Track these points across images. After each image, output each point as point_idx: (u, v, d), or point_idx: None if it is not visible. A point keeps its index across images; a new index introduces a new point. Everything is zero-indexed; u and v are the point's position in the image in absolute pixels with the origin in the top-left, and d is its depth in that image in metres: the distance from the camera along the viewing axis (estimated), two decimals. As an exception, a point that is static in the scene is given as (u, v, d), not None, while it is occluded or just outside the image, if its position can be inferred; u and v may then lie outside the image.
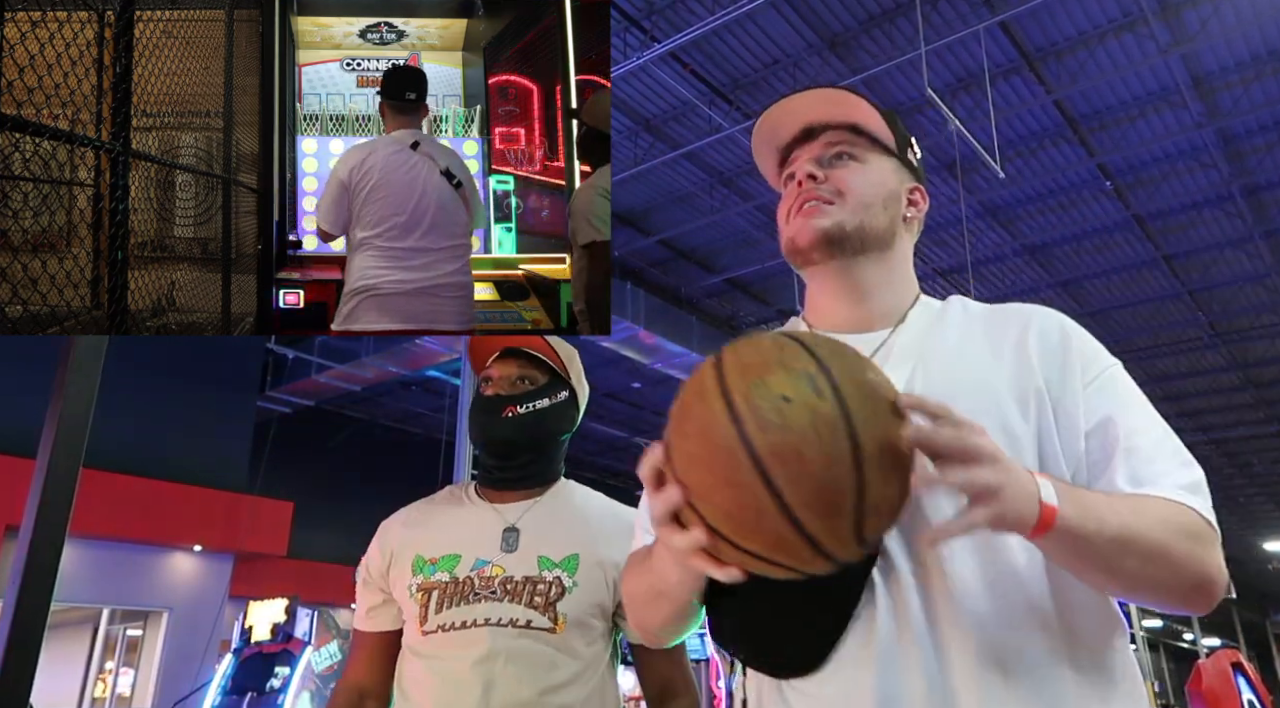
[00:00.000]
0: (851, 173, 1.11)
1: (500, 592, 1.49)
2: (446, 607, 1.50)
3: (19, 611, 2.16)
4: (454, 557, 1.55)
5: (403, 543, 1.61)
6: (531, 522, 1.58)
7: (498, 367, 1.66)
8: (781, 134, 1.17)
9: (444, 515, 1.64)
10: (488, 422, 1.61)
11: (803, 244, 1.09)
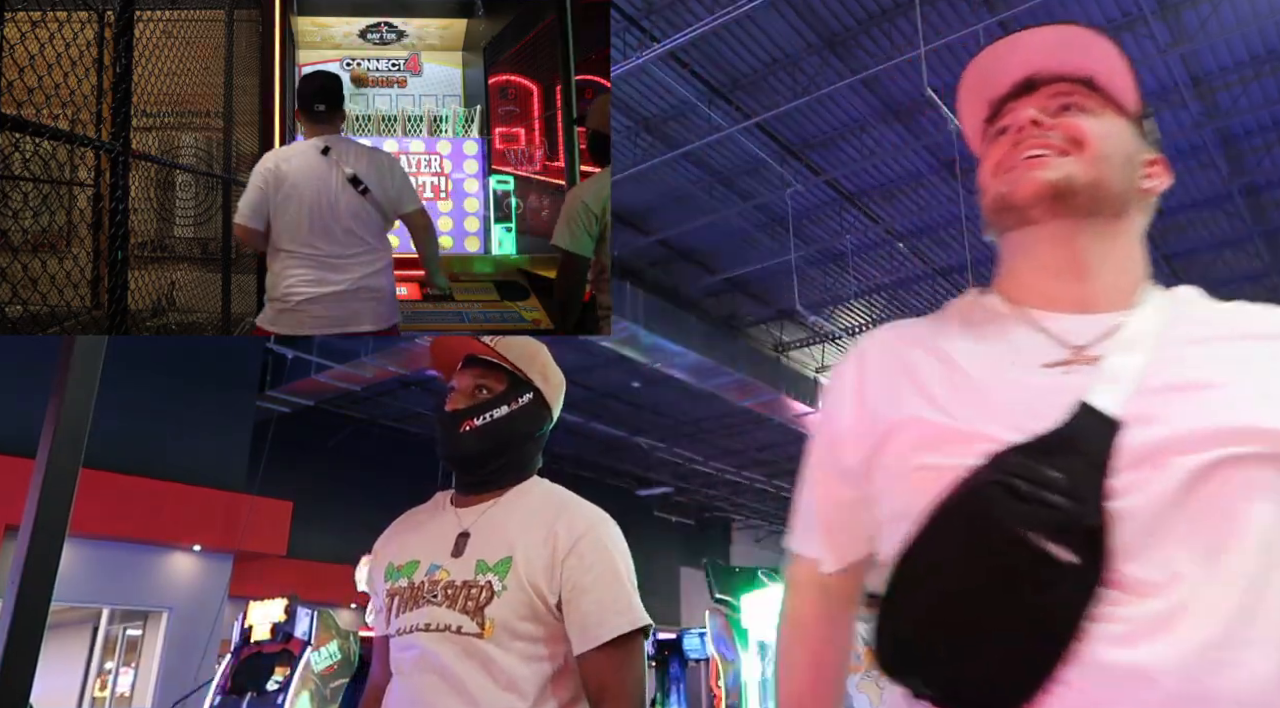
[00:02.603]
0: (1083, 121, 0.94)
1: (441, 597, 1.51)
2: (403, 612, 1.54)
3: (19, 610, 2.17)
4: (414, 564, 1.59)
5: (383, 551, 1.69)
6: (482, 525, 1.58)
7: (459, 377, 1.66)
8: (997, 83, 1.01)
9: (417, 523, 1.69)
10: (448, 438, 1.61)
11: (1022, 198, 0.92)
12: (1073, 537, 0.75)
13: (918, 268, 12.80)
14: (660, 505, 22.22)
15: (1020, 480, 0.78)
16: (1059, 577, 0.75)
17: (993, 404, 0.86)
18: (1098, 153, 0.93)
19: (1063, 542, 0.75)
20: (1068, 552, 0.75)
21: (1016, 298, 0.96)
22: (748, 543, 26.86)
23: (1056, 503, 0.77)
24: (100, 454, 6.67)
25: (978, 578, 0.78)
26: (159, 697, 11.10)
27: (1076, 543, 0.75)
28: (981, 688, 0.78)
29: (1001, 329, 0.94)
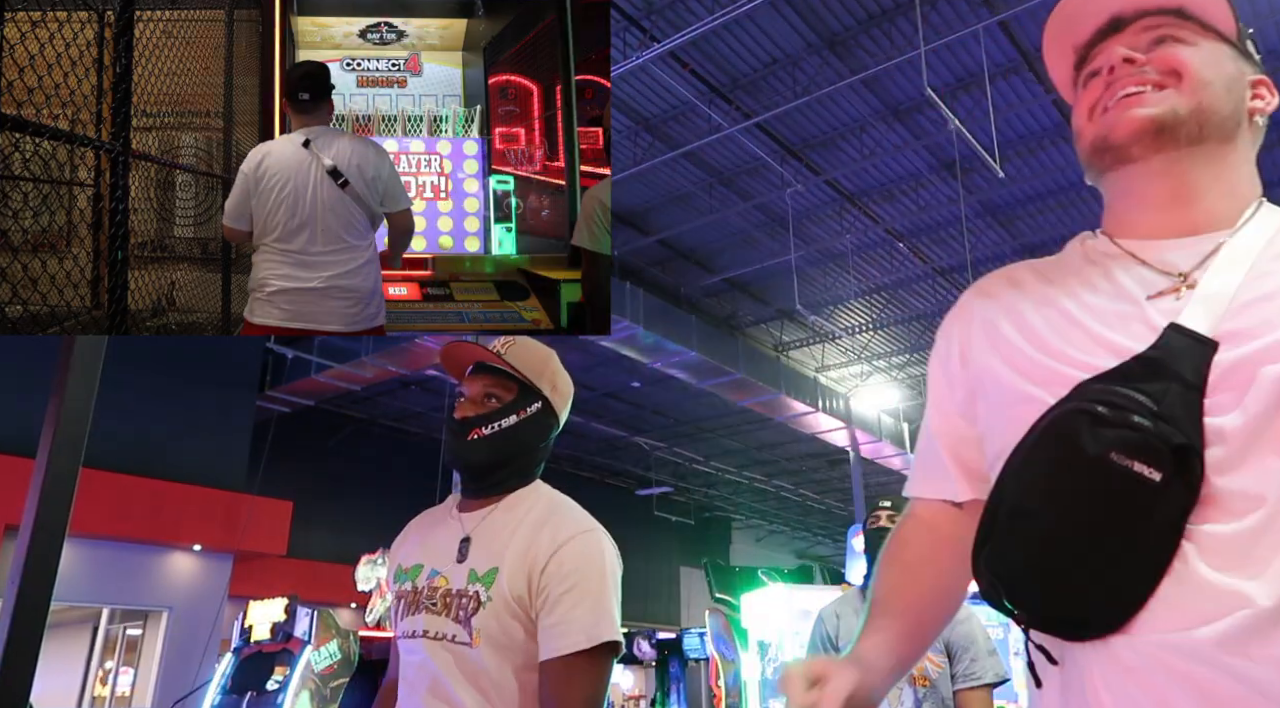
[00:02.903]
0: (1179, 51, 0.92)
1: (439, 604, 1.53)
2: (406, 615, 1.57)
3: (19, 610, 2.17)
4: (418, 567, 1.61)
5: (396, 553, 1.73)
6: (480, 532, 1.59)
7: (469, 383, 1.66)
8: (1081, 27, 0.99)
9: (427, 526, 1.71)
10: (456, 445, 1.62)
11: (1121, 137, 0.90)
12: (1158, 455, 0.76)
13: (918, 268, 12.80)
14: (660, 505, 22.22)
15: (1103, 405, 0.79)
16: (1150, 496, 0.76)
17: (1090, 337, 0.87)
18: (1198, 80, 0.90)
19: (1149, 461, 0.76)
20: (1154, 471, 0.76)
21: (1120, 233, 0.95)
22: (748, 543, 26.87)
23: (1140, 424, 0.78)
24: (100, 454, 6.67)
25: (1069, 502, 0.80)
26: (159, 697, 11.10)
27: (1163, 461, 0.76)
28: (1081, 610, 0.79)
29: (1107, 269, 0.93)
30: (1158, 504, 0.76)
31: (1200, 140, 0.90)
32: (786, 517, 25.86)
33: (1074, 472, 0.80)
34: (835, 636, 2.81)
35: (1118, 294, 0.90)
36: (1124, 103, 0.91)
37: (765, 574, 7.75)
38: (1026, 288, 0.99)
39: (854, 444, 16.25)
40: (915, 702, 2.58)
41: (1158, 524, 0.77)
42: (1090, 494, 0.79)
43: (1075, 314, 0.90)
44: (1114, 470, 0.77)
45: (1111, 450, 0.77)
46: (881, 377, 16.22)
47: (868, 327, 14.53)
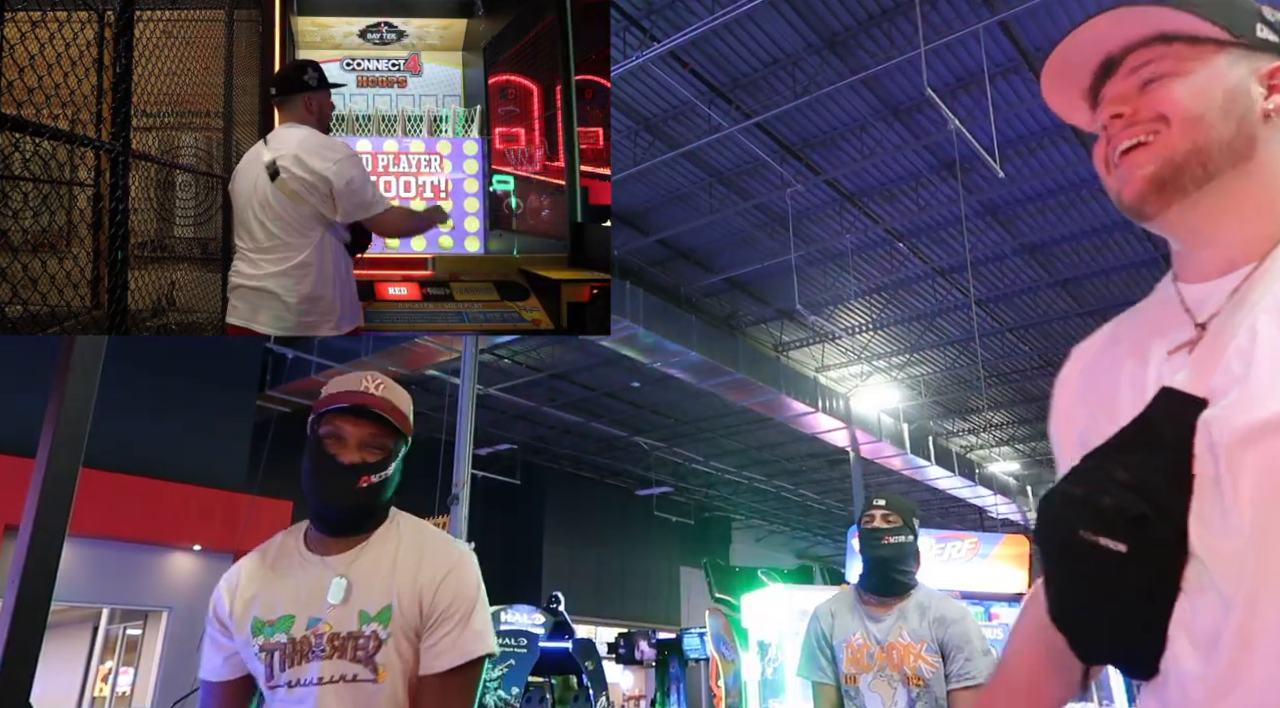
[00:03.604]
0: (1168, 88, 0.89)
1: (329, 649, 1.57)
2: (288, 666, 1.58)
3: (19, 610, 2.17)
4: (288, 618, 1.61)
5: (243, 605, 1.65)
6: (356, 573, 1.63)
7: (352, 425, 1.63)
8: (1080, 75, 0.98)
9: (277, 575, 1.67)
10: (341, 490, 1.62)
11: (1129, 200, 0.90)
12: (1118, 527, 0.79)
13: (918, 268, 12.80)
14: (660, 505, 22.22)
15: (1080, 484, 0.84)
16: (1120, 566, 0.79)
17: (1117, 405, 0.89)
18: (1186, 119, 0.87)
19: (1111, 534, 0.79)
20: (1118, 542, 0.79)
21: (1179, 276, 0.94)
22: (748, 543, 26.87)
23: (1101, 501, 0.81)
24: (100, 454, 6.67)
25: (1068, 579, 0.85)
26: (159, 697, 11.10)
27: (1124, 533, 0.79)
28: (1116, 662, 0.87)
29: (1162, 315, 0.93)
30: (1130, 573, 0.80)
31: (1210, 176, 0.87)
32: (786, 517, 25.86)
33: (1060, 550, 0.85)
34: (830, 634, 2.80)
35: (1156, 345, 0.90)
36: (1126, 161, 0.90)
37: (765, 574, 7.75)
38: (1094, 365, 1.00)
39: (854, 444, 16.25)
40: (909, 702, 2.58)
41: (1139, 591, 0.80)
42: (1076, 570, 0.84)
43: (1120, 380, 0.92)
44: (1086, 546, 0.81)
45: (1080, 528, 0.82)
46: (881, 377, 16.22)
47: (868, 327, 14.53)
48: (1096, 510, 0.81)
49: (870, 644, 2.68)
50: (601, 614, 20.39)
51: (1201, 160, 0.87)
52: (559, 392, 16.18)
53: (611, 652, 16.09)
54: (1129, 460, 0.82)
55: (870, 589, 2.77)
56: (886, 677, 2.62)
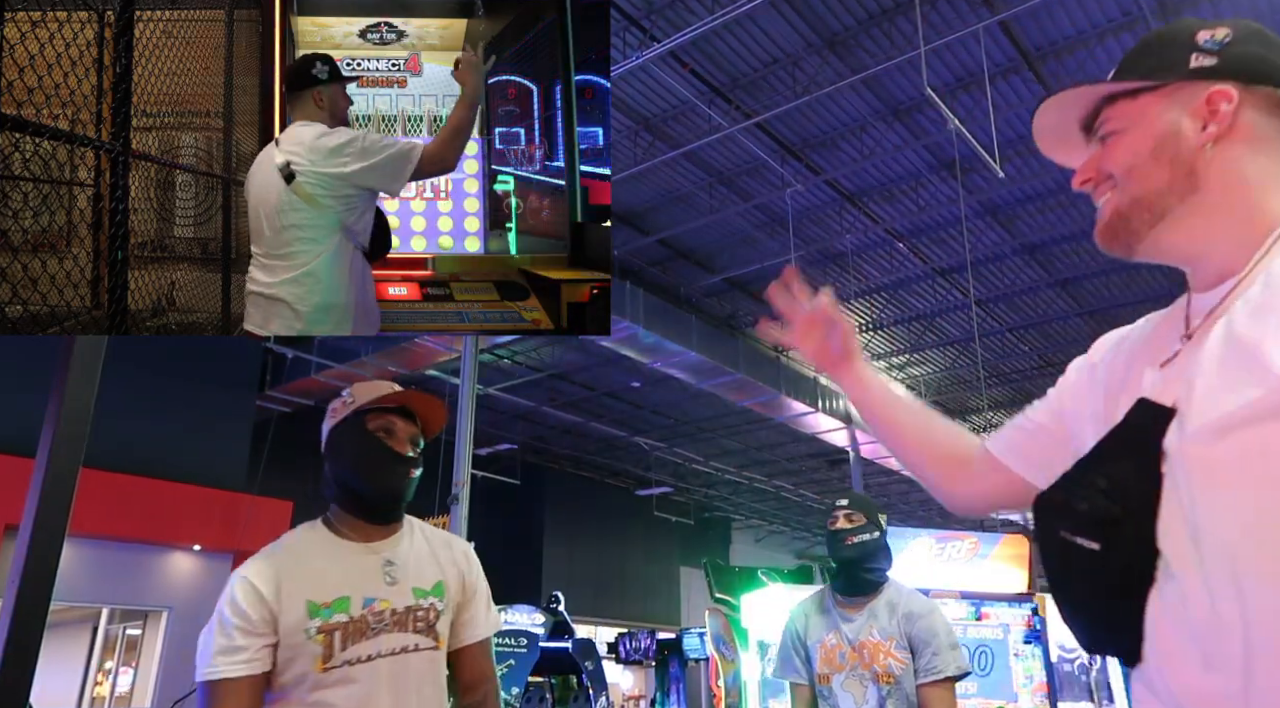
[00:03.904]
0: (1110, 148, 1.00)
1: (391, 624, 1.74)
2: (349, 644, 1.69)
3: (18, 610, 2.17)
4: (345, 599, 1.72)
5: (289, 592, 1.70)
6: (401, 556, 1.82)
7: (400, 422, 1.84)
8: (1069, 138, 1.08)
9: (322, 560, 1.77)
10: (394, 477, 1.80)
11: (1100, 246, 1.02)
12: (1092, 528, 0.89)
13: (918, 268, 12.80)
14: (660, 505, 22.21)
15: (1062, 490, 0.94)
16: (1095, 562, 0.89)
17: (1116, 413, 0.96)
18: (1123, 172, 0.97)
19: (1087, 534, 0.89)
20: (1091, 541, 0.89)
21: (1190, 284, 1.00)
22: (748, 543, 26.86)
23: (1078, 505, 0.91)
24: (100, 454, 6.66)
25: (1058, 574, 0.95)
26: (159, 697, 11.10)
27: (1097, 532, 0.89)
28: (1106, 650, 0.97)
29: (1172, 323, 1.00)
30: (1105, 569, 0.89)
31: (1160, 216, 0.95)
32: (786, 517, 25.86)
33: (1046, 550, 0.95)
34: (804, 635, 2.81)
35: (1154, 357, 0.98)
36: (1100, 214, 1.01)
37: (765, 574, 7.75)
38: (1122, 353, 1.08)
39: (854, 444, 16.25)
40: (879, 700, 2.58)
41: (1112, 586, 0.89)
42: (1060, 567, 0.93)
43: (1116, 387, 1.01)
44: (1066, 545, 0.91)
45: (1061, 529, 0.92)
46: (881, 377, 16.20)
47: (868, 327, 14.54)
48: (1073, 513, 0.91)
49: (843, 644, 2.69)
50: (601, 614, 20.38)
51: (1145, 206, 0.96)
52: (559, 392, 16.18)
53: (611, 652, 16.11)
54: (1107, 468, 0.91)
55: (841, 590, 2.78)
56: (858, 676, 2.63)
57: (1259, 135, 0.93)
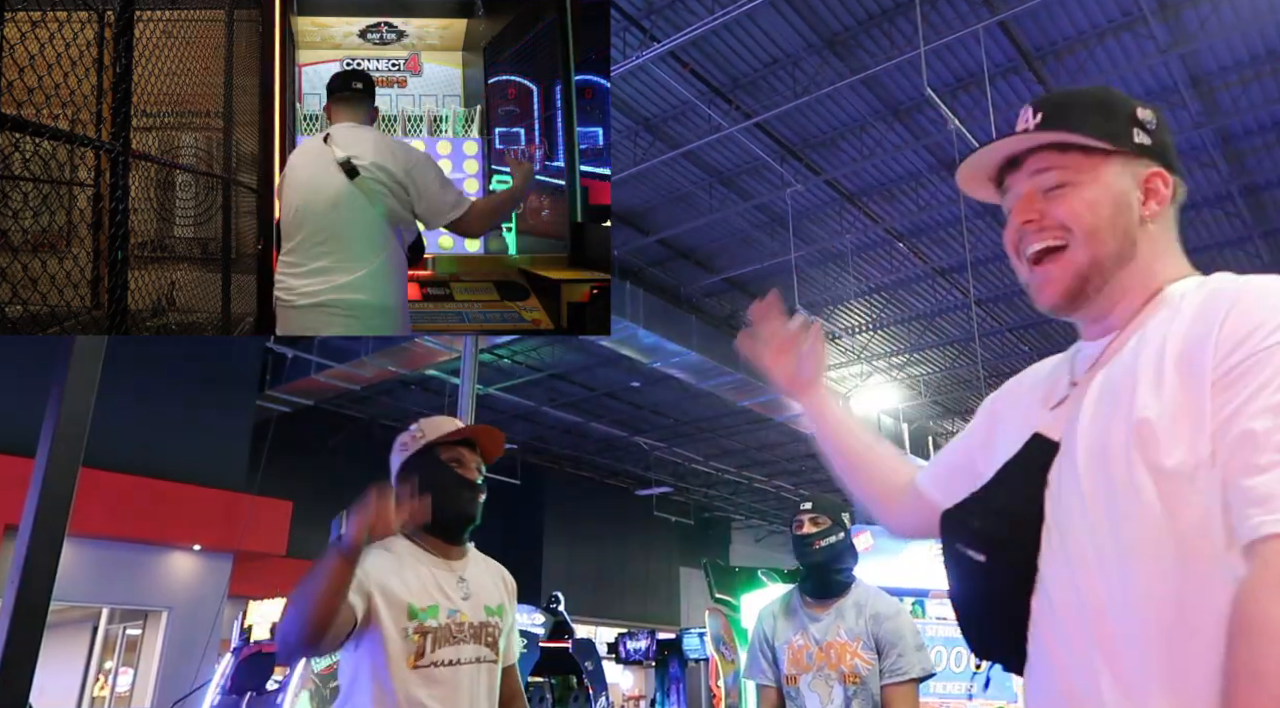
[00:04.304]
0: (1069, 200, 1.04)
1: (468, 636, 1.96)
2: (439, 646, 1.90)
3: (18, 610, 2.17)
4: (435, 607, 1.94)
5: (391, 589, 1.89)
6: (472, 575, 2.05)
7: (467, 453, 2.06)
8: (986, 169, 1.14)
9: (415, 570, 1.97)
10: (467, 502, 2.02)
11: (1047, 304, 1.08)
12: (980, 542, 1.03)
13: (918, 268, 12.80)
14: (660, 505, 22.21)
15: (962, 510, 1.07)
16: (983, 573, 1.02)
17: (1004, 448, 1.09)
18: (1087, 232, 1.02)
19: (976, 547, 1.03)
20: (979, 553, 1.02)
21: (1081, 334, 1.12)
22: (748, 543, 26.86)
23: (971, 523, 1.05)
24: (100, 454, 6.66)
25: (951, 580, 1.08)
26: (159, 697, 11.10)
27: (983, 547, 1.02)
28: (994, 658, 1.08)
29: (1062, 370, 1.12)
30: (991, 579, 1.02)
31: (1106, 281, 1.03)
32: (786, 517, 25.80)
33: (946, 559, 1.07)
34: (772, 636, 2.81)
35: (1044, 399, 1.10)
36: (1039, 270, 1.06)
37: (765, 574, 7.74)
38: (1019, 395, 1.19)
39: (854, 444, 16.21)
40: (845, 700, 2.58)
41: (999, 595, 1.01)
42: (955, 575, 1.07)
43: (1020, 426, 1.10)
44: (960, 556, 1.04)
45: (957, 542, 1.05)
46: (881, 377, 16.21)
47: (868, 327, 14.53)
48: (967, 529, 1.04)
49: (810, 645, 2.70)
50: (601, 614, 20.38)
51: (1099, 270, 1.03)
52: (559, 392, 16.17)
53: (611, 652, 16.10)
54: (1002, 492, 1.04)
55: (809, 593, 2.78)
56: (825, 676, 2.63)
57: (1168, 214, 1.07)
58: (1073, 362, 1.09)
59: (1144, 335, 0.98)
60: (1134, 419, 0.90)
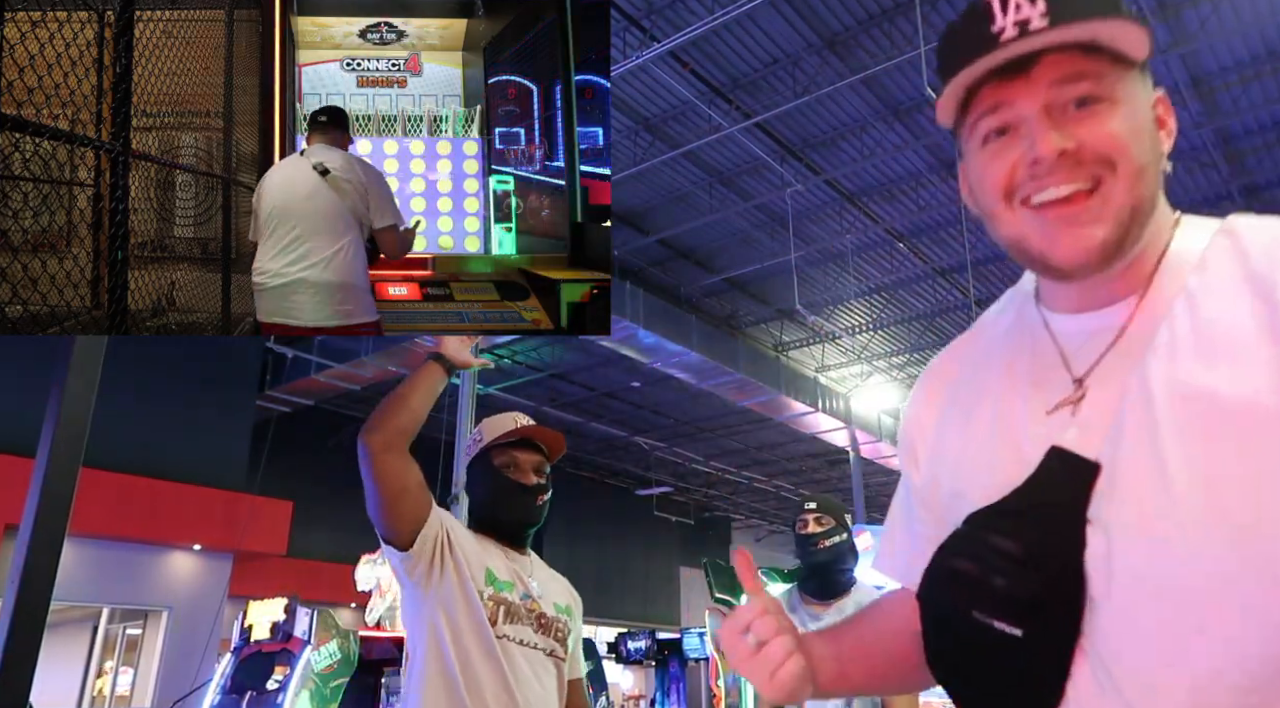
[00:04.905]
0: (1109, 124, 0.74)
1: (537, 625, 1.95)
2: (511, 622, 1.90)
3: (18, 610, 2.17)
4: (511, 584, 1.95)
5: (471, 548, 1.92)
6: (537, 575, 2.04)
7: (522, 454, 2.03)
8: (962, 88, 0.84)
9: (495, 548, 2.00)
10: (525, 508, 2.01)
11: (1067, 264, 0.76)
12: (1015, 611, 0.73)
13: (918, 268, 12.80)
14: (660, 505, 22.21)
15: (967, 558, 0.77)
16: (1016, 651, 0.73)
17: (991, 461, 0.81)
18: (1134, 170, 0.75)
19: (1007, 618, 0.73)
20: (1013, 627, 0.73)
21: (1048, 303, 0.85)
22: (748, 543, 26.85)
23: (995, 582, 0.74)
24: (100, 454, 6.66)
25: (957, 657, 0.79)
26: (159, 696, 11.10)
27: (1021, 617, 0.73)
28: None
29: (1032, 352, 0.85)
30: (1027, 657, 0.73)
31: (1142, 233, 0.77)
32: (786, 517, 25.84)
33: (952, 627, 0.78)
34: None
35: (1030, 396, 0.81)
36: (1060, 214, 0.75)
37: (765, 574, 7.74)
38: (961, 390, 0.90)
39: (854, 444, 16.24)
40: (845, 700, 2.59)
41: (1035, 675, 0.73)
42: (969, 649, 0.77)
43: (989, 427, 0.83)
44: (979, 627, 0.74)
45: (973, 609, 0.75)
46: (881, 377, 16.21)
47: (868, 327, 14.53)
48: (990, 592, 0.74)
49: None
50: (601, 614, 20.38)
51: (1141, 220, 0.76)
52: (559, 392, 16.17)
53: (611, 652, 16.11)
54: (1019, 530, 0.74)
55: (812, 593, 2.79)
56: None
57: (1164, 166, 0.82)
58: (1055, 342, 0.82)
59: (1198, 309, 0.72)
60: None
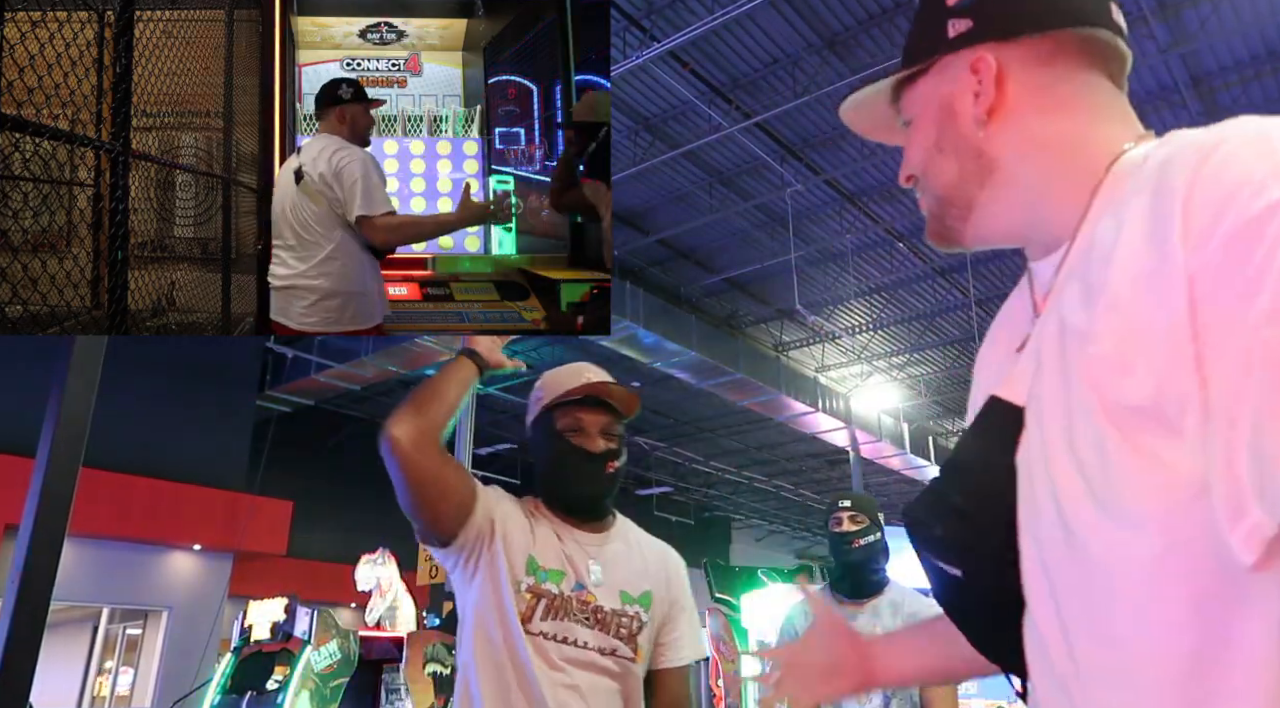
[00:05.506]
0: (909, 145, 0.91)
1: (593, 620, 1.65)
2: (551, 617, 1.63)
3: (19, 610, 2.17)
4: (560, 573, 1.67)
5: (518, 534, 1.68)
6: (610, 557, 1.73)
7: (587, 415, 1.74)
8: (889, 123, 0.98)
9: (547, 530, 1.72)
10: (592, 477, 1.71)
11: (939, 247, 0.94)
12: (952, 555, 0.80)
13: (918, 268, 12.80)
14: (660, 505, 22.21)
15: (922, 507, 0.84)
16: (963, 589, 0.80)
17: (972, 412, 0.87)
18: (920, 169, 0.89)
19: (949, 560, 0.80)
20: (954, 568, 0.79)
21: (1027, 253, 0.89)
22: (748, 543, 26.85)
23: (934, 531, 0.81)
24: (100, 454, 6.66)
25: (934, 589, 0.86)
26: (159, 696, 11.11)
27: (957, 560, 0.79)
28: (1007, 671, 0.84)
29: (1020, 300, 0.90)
30: (972, 596, 0.80)
31: (970, 206, 0.85)
32: (786, 517, 25.86)
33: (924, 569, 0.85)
34: None
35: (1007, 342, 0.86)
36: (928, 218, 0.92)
37: (765, 574, 7.75)
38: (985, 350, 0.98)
39: (854, 444, 16.24)
40: (884, 700, 2.58)
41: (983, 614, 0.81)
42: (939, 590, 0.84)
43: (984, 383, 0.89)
44: (937, 570, 0.82)
45: (924, 552, 0.82)
46: (881, 377, 16.22)
47: (868, 327, 14.53)
48: (933, 539, 0.81)
49: None
50: (601, 614, 20.39)
51: (949, 202, 0.86)
52: (559, 392, 16.17)
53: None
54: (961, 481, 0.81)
55: (845, 592, 2.77)
56: None
57: (1040, 87, 0.80)
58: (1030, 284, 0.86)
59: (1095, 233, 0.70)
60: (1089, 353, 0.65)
